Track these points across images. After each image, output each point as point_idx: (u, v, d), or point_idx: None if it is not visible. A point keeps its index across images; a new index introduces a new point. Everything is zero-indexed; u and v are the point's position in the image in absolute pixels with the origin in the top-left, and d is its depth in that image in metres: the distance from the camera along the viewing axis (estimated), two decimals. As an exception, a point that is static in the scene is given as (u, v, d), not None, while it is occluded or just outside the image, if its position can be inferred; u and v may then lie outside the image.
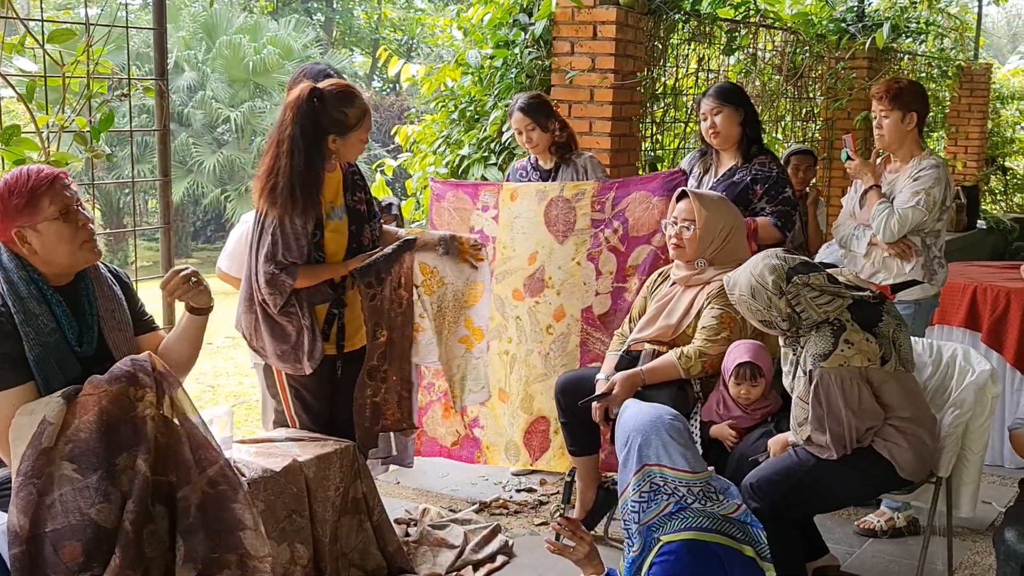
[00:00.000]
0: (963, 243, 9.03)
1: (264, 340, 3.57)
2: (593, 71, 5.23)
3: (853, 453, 3.24)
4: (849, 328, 3.20)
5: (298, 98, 3.49)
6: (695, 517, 2.72)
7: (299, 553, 3.35)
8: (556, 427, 4.45)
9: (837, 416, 3.18)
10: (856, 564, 3.96)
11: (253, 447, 3.52)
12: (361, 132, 3.60)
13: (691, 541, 2.67)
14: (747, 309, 3.32)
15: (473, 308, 4.05)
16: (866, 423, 3.21)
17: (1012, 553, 2.77)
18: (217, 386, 8.18)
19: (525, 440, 4.56)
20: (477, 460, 4.72)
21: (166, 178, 4.15)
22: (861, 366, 3.18)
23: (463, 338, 4.07)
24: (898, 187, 4.16)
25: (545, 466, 4.56)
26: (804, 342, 3.25)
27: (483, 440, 4.69)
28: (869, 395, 3.21)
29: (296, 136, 3.46)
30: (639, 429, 2.87)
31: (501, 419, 4.63)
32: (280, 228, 3.47)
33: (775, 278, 3.22)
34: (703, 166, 4.57)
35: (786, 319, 3.23)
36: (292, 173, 3.45)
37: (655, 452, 2.85)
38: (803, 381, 3.23)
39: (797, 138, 7.47)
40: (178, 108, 19.91)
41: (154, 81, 4.05)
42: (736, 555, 2.69)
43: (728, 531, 2.72)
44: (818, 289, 3.21)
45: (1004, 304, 5.08)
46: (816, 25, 7.40)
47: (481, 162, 5.55)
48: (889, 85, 4.21)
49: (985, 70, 10.67)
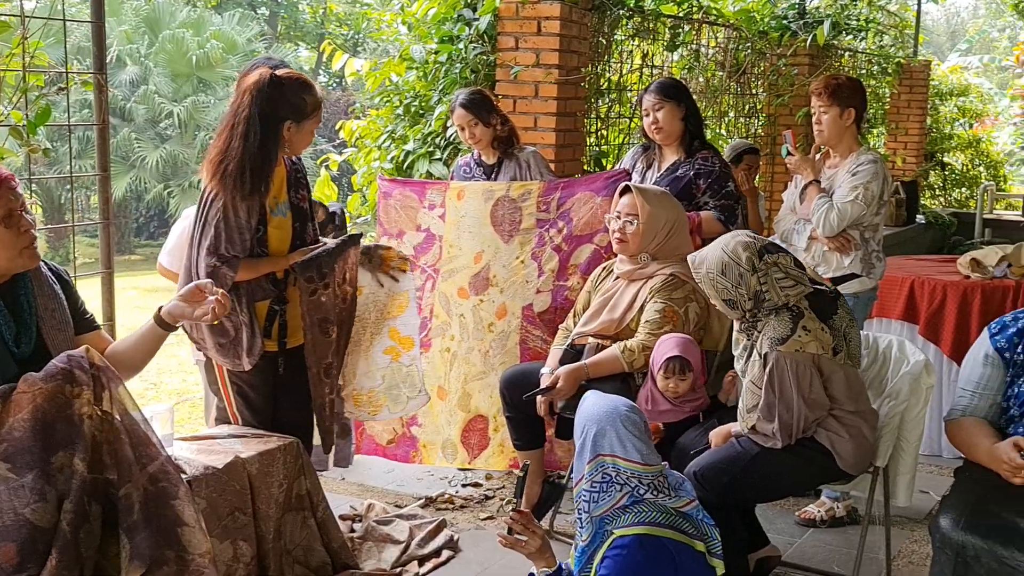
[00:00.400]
0: (902, 237, 9.18)
1: (204, 333, 3.54)
2: (538, 66, 5.23)
3: (796, 443, 3.28)
4: (807, 315, 3.25)
5: (258, 81, 3.47)
6: (648, 511, 2.72)
7: (242, 550, 3.33)
8: (495, 425, 4.46)
9: (788, 403, 3.22)
10: (797, 554, 4.02)
11: (194, 444, 3.49)
12: (314, 122, 3.59)
13: (644, 536, 2.68)
14: (712, 287, 3.31)
15: (399, 318, 3.99)
16: (814, 412, 3.26)
17: (947, 541, 2.82)
18: (160, 383, 8.08)
19: (463, 438, 4.55)
20: (413, 459, 4.70)
21: (105, 173, 4.09)
22: (815, 353, 3.23)
23: (388, 349, 4.00)
24: (837, 182, 4.22)
25: (483, 465, 4.55)
26: (762, 326, 3.28)
27: (420, 439, 4.67)
28: (819, 384, 3.26)
29: (253, 117, 3.44)
30: (595, 419, 2.88)
31: (439, 417, 4.62)
32: (224, 221, 3.44)
33: (748, 254, 3.26)
34: (646, 161, 4.60)
35: (752, 298, 3.25)
36: (245, 155, 3.42)
37: (609, 443, 2.86)
38: (758, 365, 3.27)
39: (740, 134, 7.53)
40: (120, 103, 19.64)
41: (93, 75, 3.99)
42: (688, 550, 2.71)
43: (680, 526, 2.74)
44: (784, 271, 3.27)
45: (941, 297, 5.17)
46: (758, 22, 7.47)
47: (426, 157, 5.53)
48: (828, 82, 4.27)
49: (924, 67, 10.83)
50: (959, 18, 33.87)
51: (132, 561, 2.78)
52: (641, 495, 2.79)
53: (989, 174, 12.31)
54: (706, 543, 2.76)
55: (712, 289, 3.33)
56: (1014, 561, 2.72)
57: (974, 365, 3.16)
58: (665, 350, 3.57)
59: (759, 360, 3.26)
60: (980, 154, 12.35)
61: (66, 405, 2.77)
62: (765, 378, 3.23)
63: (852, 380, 3.34)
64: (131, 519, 2.81)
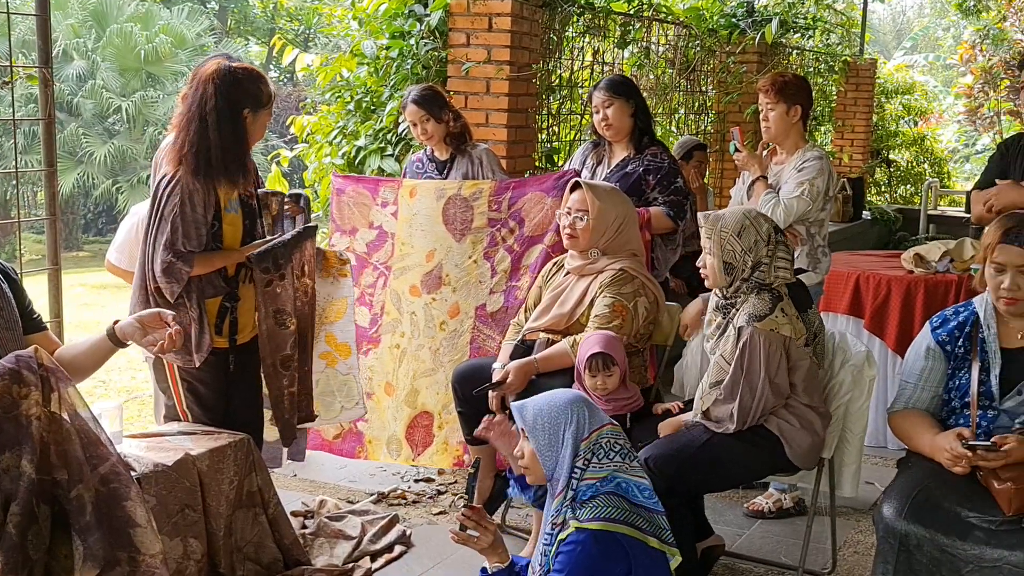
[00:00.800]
0: (849, 233, 9.31)
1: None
2: (489, 63, 5.25)
3: (748, 430, 3.33)
4: (786, 300, 3.36)
5: (218, 70, 3.48)
6: (604, 506, 2.73)
7: (192, 548, 3.31)
8: (440, 423, 4.46)
9: (752, 383, 3.27)
10: (746, 544, 4.08)
11: (144, 441, 3.46)
12: (267, 114, 3.61)
13: (599, 531, 2.70)
14: (721, 245, 3.38)
15: (336, 324, 3.99)
16: (775, 398, 3.31)
17: (891, 530, 2.88)
18: (109, 380, 7.98)
19: (408, 435, 4.55)
20: (358, 455, 4.69)
21: (52, 168, 4.04)
22: (789, 336, 3.31)
23: (324, 354, 4.00)
24: (783, 178, 4.28)
25: (427, 462, 4.54)
26: (740, 303, 3.37)
27: (366, 434, 4.66)
28: (785, 370, 3.32)
29: (222, 106, 3.45)
30: (575, 403, 2.84)
31: (385, 413, 4.61)
32: (181, 216, 3.42)
33: (768, 227, 3.41)
34: (596, 157, 4.64)
35: (752, 267, 3.36)
36: (223, 144, 3.44)
37: (599, 415, 2.85)
38: (731, 340, 3.34)
39: (690, 131, 7.60)
40: (67, 97, 19.36)
41: (38, 69, 3.94)
42: (641, 546, 2.73)
43: (635, 522, 2.75)
44: (786, 255, 3.40)
45: (885, 292, 5.25)
46: (707, 20, 7.55)
47: (378, 153, 5.53)
48: (774, 79, 4.33)
49: (870, 65, 10.99)
50: (905, 17, 34.38)
51: (86, 562, 2.76)
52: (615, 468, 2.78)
53: (933, 171, 12.53)
54: (659, 536, 2.78)
55: (719, 247, 3.39)
56: (955, 549, 2.79)
57: (916, 358, 3.23)
58: (588, 347, 3.59)
59: (734, 335, 3.33)
60: (925, 151, 12.56)
61: (13, 406, 2.74)
62: (736, 352, 3.29)
63: (813, 374, 3.41)
64: (83, 520, 2.79)
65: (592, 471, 2.77)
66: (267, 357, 3.69)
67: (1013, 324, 3.07)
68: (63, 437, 2.81)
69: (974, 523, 2.80)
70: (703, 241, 3.47)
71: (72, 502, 2.79)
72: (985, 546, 2.76)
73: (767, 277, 3.37)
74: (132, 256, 4.32)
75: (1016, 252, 2.97)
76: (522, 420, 2.84)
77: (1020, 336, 3.05)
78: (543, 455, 2.80)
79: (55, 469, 2.80)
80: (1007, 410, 3.00)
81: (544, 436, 2.80)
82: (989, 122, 14.57)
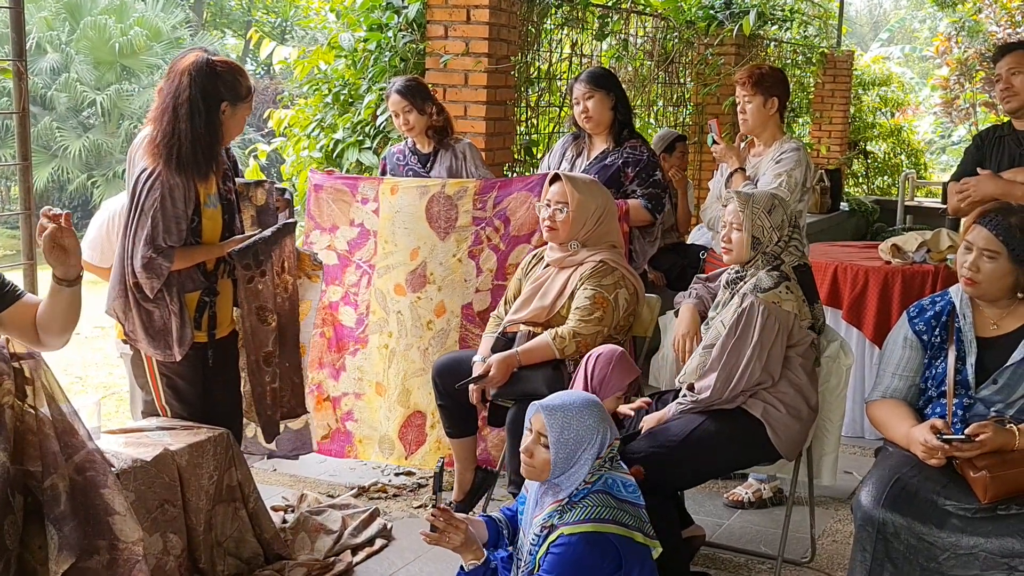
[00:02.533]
0: (827, 224, 9.36)
1: (135, 324, 3.50)
2: (467, 55, 5.24)
3: (730, 416, 3.35)
4: (793, 282, 3.44)
5: (195, 62, 3.45)
6: (592, 507, 2.75)
7: (172, 543, 3.30)
8: (432, 422, 4.46)
9: (741, 349, 3.32)
10: (725, 534, 4.10)
11: (123, 437, 3.45)
12: (247, 108, 3.58)
13: (590, 533, 2.72)
14: (752, 219, 3.48)
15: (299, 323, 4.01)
16: (761, 373, 3.33)
17: (868, 518, 2.90)
18: (86, 377, 7.94)
19: (400, 434, 4.54)
20: (348, 454, 4.68)
21: (26, 162, 4.01)
22: (791, 312, 3.37)
23: None
24: (761, 169, 4.29)
25: (420, 462, 4.54)
26: (749, 276, 3.47)
27: (356, 434, 4.65)
28: (781, 349, 3.36)
29: (195, 98, 3.43)
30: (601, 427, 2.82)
31: (377, 413, 4.60)
32: (161, 211, 3.41)
33: (792, 210, 3.60)
34: (576, 149, 4.64)
35: (777, 243, 3.48)
36: (195, 136, 3.42)
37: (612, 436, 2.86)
38: (732, 308, 3.41)
39: (669, 123, 7.62)
40: (41, 91, 19.20)
41: (12, 62, 3.90)
42: (629, 542, 2.75)
43: (622, 519, 2.77)
44: (799, 241, 3.56)
45: (863, 282, 5.29)
46: (685, 12, 7.56)
47: (356, 146, 5.51)
48: (751, 71, 4.34)
49: (848, 57, 11.04)
50: (881, 8, 34.56)
51: (61, 552, 2.74)
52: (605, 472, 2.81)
53: (910, 162, 12.60)
54: (643, 530, 2.80)
55: (751, 221, 3.48)
56: (932, 537, 2.81)
57: (893, 348, 3.25)
58: (620, 375, 3.50)
59: (736, 303, 3.40)
60: (901, 143, 12.64)
61: None
62: (732, 319, 3.34)
63: (810, 363, 3.47)
64: (58, 510, 2.76)
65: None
66: (251, 353, 3.68)
67: (988, 313, 3.09)
68: (37, 427, 2.77)
69: (950, 511, 2.82)
70: (728, 217, 3.55)
71: (46, 492, 2.76)
72: (961, 534, 2.78)
73: (783, 258, 3.47)
74: (104, 253, 4.29)
75: (984, 235, 3.01)
76: (549, 429, 2.79)
77: (995, 325, 3.08)
78: (557, 467, 2.79)
79: (29, 460, 2.77)
80: (982, 399, 3.02)
81: (564, 451, 2.79)
82: (965, 114, 14.68)
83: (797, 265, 3.50)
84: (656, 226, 4.55)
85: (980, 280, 3.03)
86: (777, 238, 3.48)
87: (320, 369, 4.64)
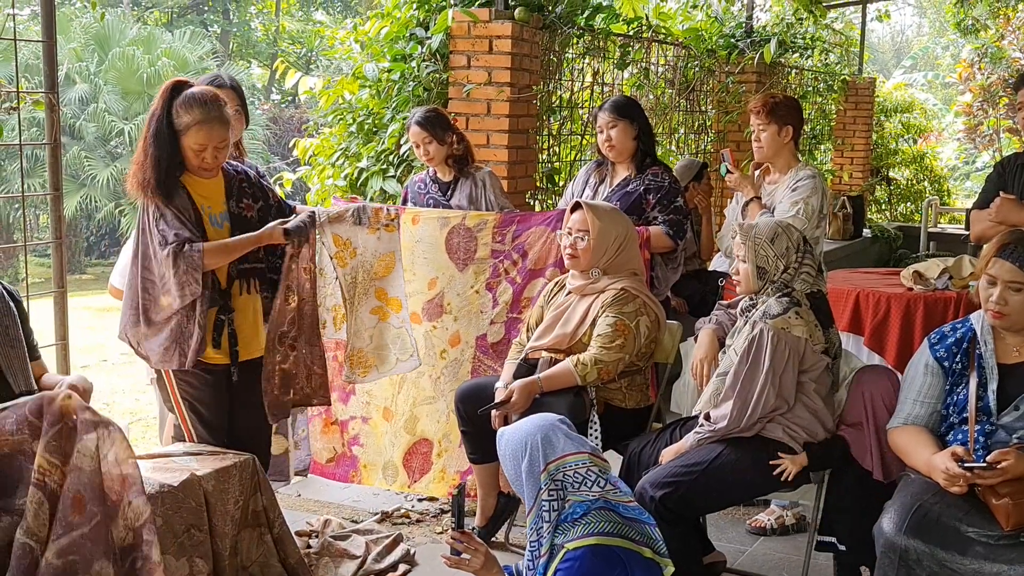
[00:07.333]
0: (849, 251, 9.34)
1: (150, 344, 3.54)
2: (490, 84, 5.30)
3: (749, 445, 3.36)
4: (804, 307, 3.43)
5: (166, 87, 3.53)
6: (596, 522, 2.76)
7: (198, 567, 3.33)
8: (439, 451, 4.48)
9: (755, 376, 3.33)
10: (748, 561, 4.09)
11: (150, 462, 3.48)
12: (190, 139, 3.50)
13: (595, 546, 2.73)
14: (755, 250, 3.49)
15: (385, 279, 4.06)
16: (776, 399, 3.35)
17: (891, 545, 2.90)
18: (113, 403, 8.02)
19: (405, 461, 4.56)
20: (352, 479, 4.71)
21: (57, 192, 4.09)
22: (802, 337, 3.37)
23: (374, 308, 4.06)
24: (777, 197, 4.31)
25: (423, 490, 4.55)
26: (761, 304, 3.48)
27: (361, 459, 4.67)
28: (793, 374, 3.37)
29: (162, 121, 3.49)
30: (534, 431, 2.91)
31: (383, 438, 4.62)
32: (163, 218, 3.47)
33: (799, 236, 3.55)
34: (599, 176, 4.69)
35: (784, 271, 3.47)
36: (155, 159, 3.47)
37: (561, 443, 2.88)
38: (744, 335, 3.43)
39: (689, 151, 7.65)
40: (70, 121, 19.41)
41: (44, 94, 3.99)
42: (637, 557, 2.76)
43: (628, 535, 2.78)
44: (812, 266, 3.53)
45: (885, 309, 5.27)
46: (706, 41, 7.60)
47: (380, 175, 5.56)
48: (765, 100, 4.37)
49: (869, 84, 11.04)
50: (904, 36, 34.51)
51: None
52: (593, 496, 2.82)
53: (933, 189, 12.56)
54: (652, 547, 2.82)
55: (753, 252, 3.50)
56: (954, 564, 2.81)
57: (915, 374, 3.26)
58: None
59: (748, 330, 3.41)
60: (924, 169, 12.59)
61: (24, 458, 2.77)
62: (744, 346, 3.35)
63: (825, 382, 3.48)
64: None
65: (579, 495, 2.82)
66: (270, 332, 3.73)
67: (1010, 340, 3.10)
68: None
69: (973, 538, 2.82)
70: (736, 250, 3.58)
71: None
72: (984, 561, 2.78)
73: (794, 283, 3.47)
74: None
75: (1008, 268, 3.01)
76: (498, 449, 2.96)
77: (1016, 351, 3.09)
78: (513, 484, 2.95)
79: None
80: (1004, 425, 3.02)
81: (510, 469, 2.92)
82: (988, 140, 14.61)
83: (810, 292, 3.50)
84: (679, 252, 4.57)
85: (1009, 312, 3.03)
86: (783, 266, 3.48)
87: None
